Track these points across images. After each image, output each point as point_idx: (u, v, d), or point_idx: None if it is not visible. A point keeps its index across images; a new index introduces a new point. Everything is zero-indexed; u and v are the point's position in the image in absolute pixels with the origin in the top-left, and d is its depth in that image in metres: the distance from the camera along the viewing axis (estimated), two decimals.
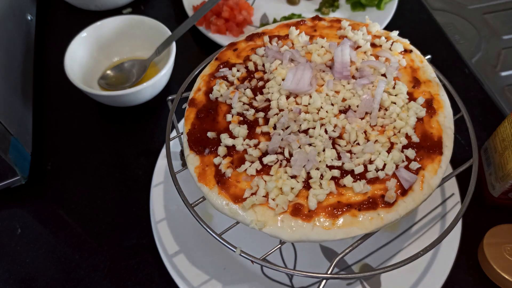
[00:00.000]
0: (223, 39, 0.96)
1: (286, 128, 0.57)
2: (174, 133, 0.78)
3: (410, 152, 0.54)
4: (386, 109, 0.58)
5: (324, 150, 0.55)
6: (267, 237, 0.51)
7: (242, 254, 0.51)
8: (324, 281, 0.51)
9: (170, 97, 0.67)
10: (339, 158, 0.54)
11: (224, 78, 0.65)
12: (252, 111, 0.60)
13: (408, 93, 0.60)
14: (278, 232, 0.50)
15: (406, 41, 0.68)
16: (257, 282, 0.67)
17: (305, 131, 0.57)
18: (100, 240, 0.73)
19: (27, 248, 0.73)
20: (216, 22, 0.97)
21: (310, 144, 0.55)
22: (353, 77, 0.62)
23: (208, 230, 0.53)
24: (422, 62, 0.65)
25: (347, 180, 0.52)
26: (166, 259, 0.67)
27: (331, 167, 0.54)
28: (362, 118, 0.57)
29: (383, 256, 0.68)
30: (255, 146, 0.56)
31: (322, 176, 0.53)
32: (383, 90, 0.59)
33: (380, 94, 0.58)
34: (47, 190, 0.80)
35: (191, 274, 0.66)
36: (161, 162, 0.77)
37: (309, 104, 0.59)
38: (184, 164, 0.63)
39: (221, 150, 0.56)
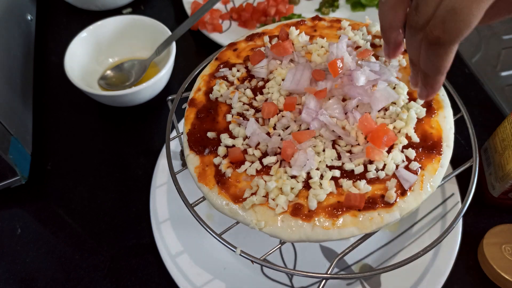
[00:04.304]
0: (223, 39, 0.96)
1: (286, 128, 0.57)
2: (174, 133, 0.78)
3: (410, 152, 0.54)
4: (386, 109, 0.58)
5: (324, 150, 0.55)
6: (267, 237, 0.51)
7: (242, 254, 0.51)
8: (324, 281, 0.51)
9: (170, 97, 0.67)
10: (339, 158, 0.54)
11: (224, 78, 0.65)
12: (252, 111, 0.60)
13: (408, 93, 0.60)
14: (278, 232, 0.50)
15: None
16: (257, 282, 0.67)
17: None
18: (100, 240, 0.73)
19: (27, 248, 0.73)
20: (211, 21, 0.98)
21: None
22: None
23: (208, 230, 0.53)
24: None
25: (346, 184, 0.52)
26: (166, 259, 0.67)
27: (331, 167, 0.54)
28: None
29: (383, 256, 0.68)
30: (256, 146, 0.56)
31: (322, 176, 0.53)
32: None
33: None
34: (47, 190, 0.80)
35: (191, 274, 0.66)
36: (162, 162, 0.77)
37: None
38: (184, 164, 0.63)
39: (221, 150, 0.56)
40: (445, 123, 0.58)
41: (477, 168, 0.58)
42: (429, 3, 0.42)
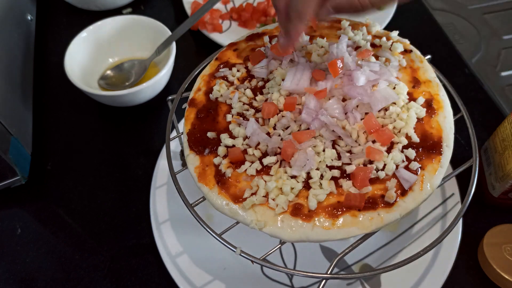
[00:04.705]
0: (223, 39, 0.96)
1: (286, 128, 0.57)
2: (174, 133, 0.78)
3: (410, 152, 0.54)
4: (386, 109, 0.58)
5: (324, 150, 0.55)
6: (267, 237, 0.51)
7: (242, 254, 0.51)
8: (324, 281, 0.51)
9: (170, 97, 0.67)
10: (339, 158, 0.54)
11: (224, 78, 0.65)
12: (252, 111, 0.60)
13: (408, 93, 0.60)
14: (278, 232, 0.50)
15: (406, 41, 0.68)
16: (257, 282, 0.67)
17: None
18: (100, 240, 0.73)
19: (27, 248, 0.73)
20: (212, 21, 0.98)
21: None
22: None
23: (208, 230, 0.53)
24: (422, 62, 0.65)
25: (346, 184, 0.52)
26: (166, 259, 0.67)
27: (331, 167, 0.54)
28: (362, 119, 0.57)
29: (383, 256, 0.68)
30: (256, 146, 0.56)
31: (322, 176, 0.53)
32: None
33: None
34: (47, 190, 0.80)
35: (191, 274, 0.66)
36: (162, 162, 0.77)
37: None
38: (184, 164, 0.63)
39: (221, 150, 0.56)
40: (445, 123, 0.58)
41: (477, 168, 0.58)
42: None
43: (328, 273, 0.50)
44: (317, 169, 0.53)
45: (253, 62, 0.64)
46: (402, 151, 0.55)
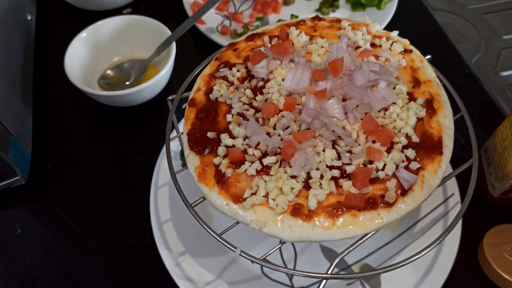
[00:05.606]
0: (223, 39, 0.96)
1: (286, 128, 0.57)
2: (174, 133, 0.78)
3: (410, 152, 0.54)
4: (386, 109, 0.58)
5: (324, 150, 0.55)
6: (267, 237, 0.51)
7: (242, 254, 0.51)
8: (324, 281, 0.51)
9: (170, 97, 0.67)
10: (339, 158, 0.54)
11: (224, 78, 0.65)
12: (252, 111, 0.60)
13: (408, 93, 0.60)
14: (278, 232, 0.50)
15: (406, 41, 0.68)
16: (257, 282, 0.67)
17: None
18: (100, 240, 0.73)
19: (27, 248, 0.73)
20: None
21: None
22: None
23: (208, 230, 0.53)
24: (422, 62, 0.65)
25: (346, 184, 0.52)
26: (166, 259, 0.67)
27: (331, 167, 0.54)
28: (362, 119, 0.57)
29: (383, 256, 0.68)
30: (256, 146, 0.56)
31: (322, 176, 0.53)
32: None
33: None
34: (47, 190, 0.80)
35: (191, 274, 0.66)
36: (162, 162, 0.77)
37: None
38: (184, 164, 0.63)
39: (221, 150, 0.56)
40: (445, 123, 0.58)
41: (477, 168, 0.58)
42: None
43: (328, 273, 0.50)
44: (317, 169, 0.53)
45: (253, 62, 0.64)
46: (402, 151, 0.55)
